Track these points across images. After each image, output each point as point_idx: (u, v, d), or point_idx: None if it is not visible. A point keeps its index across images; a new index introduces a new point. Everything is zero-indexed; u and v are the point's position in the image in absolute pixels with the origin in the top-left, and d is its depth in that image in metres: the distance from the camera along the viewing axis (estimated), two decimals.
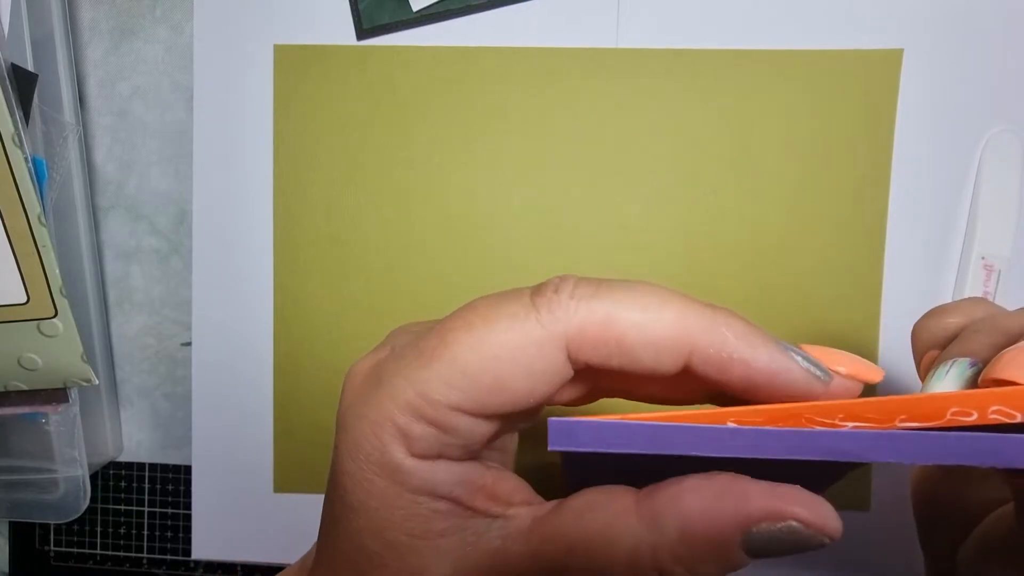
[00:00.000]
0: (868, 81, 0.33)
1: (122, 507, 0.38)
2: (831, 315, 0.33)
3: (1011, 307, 0.19)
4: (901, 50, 0.32)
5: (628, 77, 0.33)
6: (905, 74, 0.32)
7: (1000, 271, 0.32)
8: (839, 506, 0.15)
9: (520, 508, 0.17)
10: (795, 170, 0.33)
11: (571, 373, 0.16)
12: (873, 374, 0.16)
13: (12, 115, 0.27)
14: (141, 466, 0.38)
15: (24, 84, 0.29)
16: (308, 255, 0.35)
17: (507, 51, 0.33)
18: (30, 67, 0.30)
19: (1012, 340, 0.18)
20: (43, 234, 0.28)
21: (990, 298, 0.32)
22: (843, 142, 0.33)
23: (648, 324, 0.15)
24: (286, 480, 0.35)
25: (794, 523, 0.14)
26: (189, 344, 0.37)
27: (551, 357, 0.15)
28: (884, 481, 0.34)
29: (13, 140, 0.27)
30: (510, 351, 0.15)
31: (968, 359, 0.17)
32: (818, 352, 0.15)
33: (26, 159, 0.28)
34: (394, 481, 0.16)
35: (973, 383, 0.17)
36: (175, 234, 0.37)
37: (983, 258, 0.32)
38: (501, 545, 0.16)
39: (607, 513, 0.15)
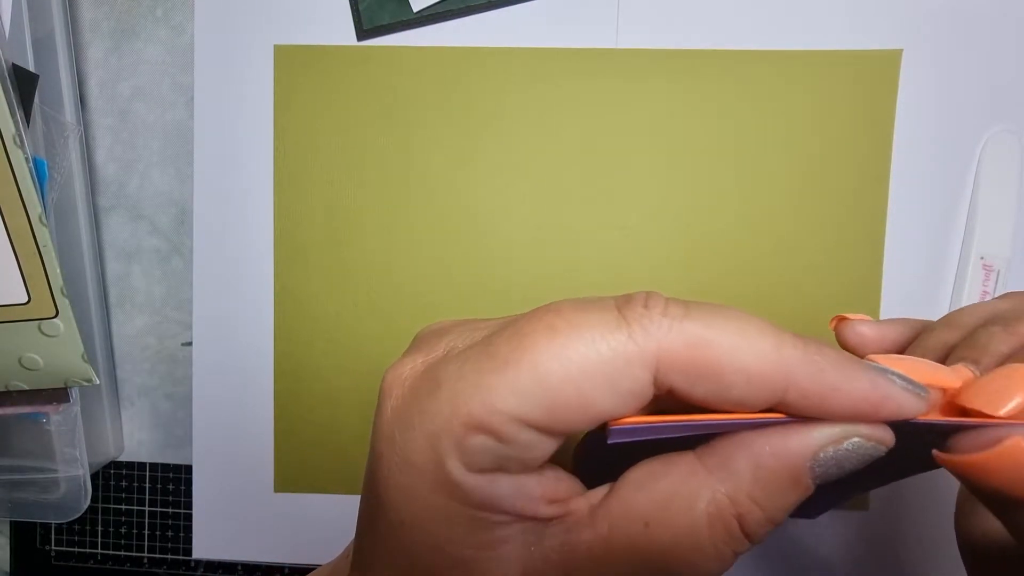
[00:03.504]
0: (868, 81, 0.33)
1: (123, 507, 0.38)
2: (831, 315, 0.33)
3: None
4: (901, 50, 0.32)
5: (628, 77, 0.33)
6: (905, 74, 0.32)
7: (999, 271, 0.32)
8: (840, 506, 0.15)
9: (575, 501, 0.16)
10: (795, 170, 0.33)
11: (650, 397, 0.14)
12: (952, 379, 0.15)
13: (13, 115, 0.27)
14: (142, 466, 0.38)
15: (25, 84, 0.29)
16: (308, 255, 0.35)
17: (507, 51, 0.33)
18: (31, 67, 0.30)
19: (966, 332, 0.18)
20: (44, 234, 0.28)
21: (988, 298, 0.32)
22: (843, 142, 0.33)
23: (745, 350, 0.14)
24: (286, 480, 0.36)
25: (857, 439, 0.14)
26: (189, 344, 0.37)
27: (639, 377, 0.14)
28: None
29: (14, 140, 0.27)
30: (599, 365, 0.14)
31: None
32: (892, 362, 0.15)
33: (27, 159, 0.28)
34: (452, 497, 0.15)
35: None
36: (175, 234, 0.37)
37: (982, 258, 0.32)
38: (566, 539, 0.15)
39: (674, 477, 0.15)
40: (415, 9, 0.33)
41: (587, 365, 0.14)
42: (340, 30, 0.34)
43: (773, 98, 0.33)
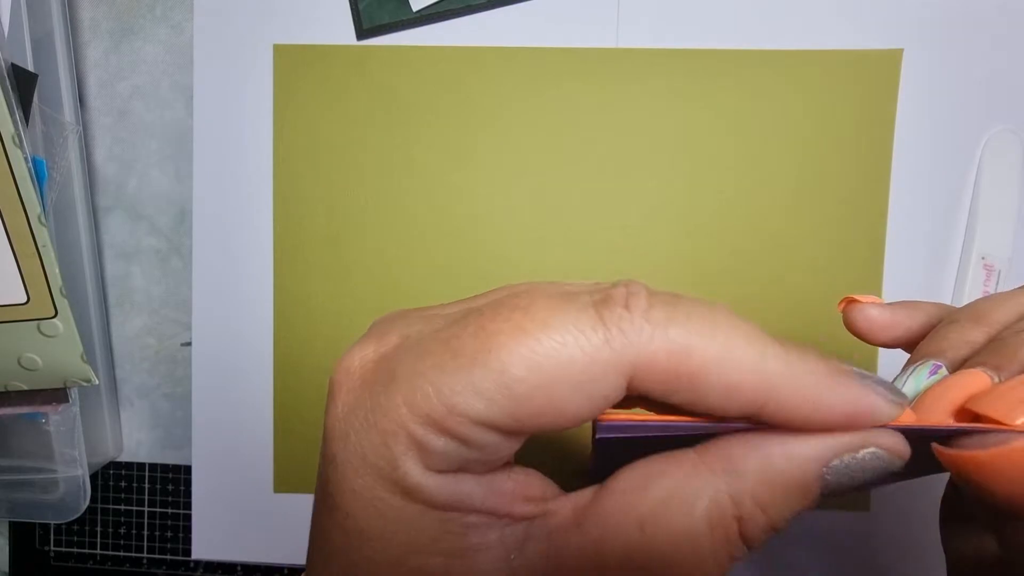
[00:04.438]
0: (868, 81, 0.33)
1: (122, 507, 0.38)
2: (831, 315, 0.33)
3: None
4: (901, 50, 0.32)
5: (628, 77, 0.33)
6: (905, 74, 0.32)
7: (1000, 271, 0.32)
8: (839, 506, 0.15)
9: (555, 502, 0.15)
10: (795, 170, 0.33)
11: (622, 398, 0.14)
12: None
13: (12, 115, 0.27)
14: (141, 466, 0.38)
15: (24, 84, 0.29)
16: (308, 255, 0.35)
17: (507, 51, 0.33)
18: (30, 67, 0.30)
19: (993, 330, 0.17)
20: (43, 234, 0.28)
21: None
22: (843, 142, 0.33)
23: (729, 362, 0.13)
24: (286, 480, 0.35)
25: (875, 449, 0.13)
26: (189, 344, 0.37)
27: (614, 383, 0.13)
28: None
29: (13, 140, 0.27)
30: (571, 370, 0.13)
31: (930, 364, 0.17)
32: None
33: (26, 159, 0.28)
34: (413, 499, 0.14)
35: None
36: (175, 234, 0.37)
37: (983, 258, 0.32)
38: (552, 545, 0.14)
39: (674, 477, 0.14)
40: (415, 9, 0.33)
41: (559, 371, 0.13)
42: (340, 29, 0.34)
43: (773, 98, 0.33)
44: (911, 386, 0.17)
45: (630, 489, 0.14)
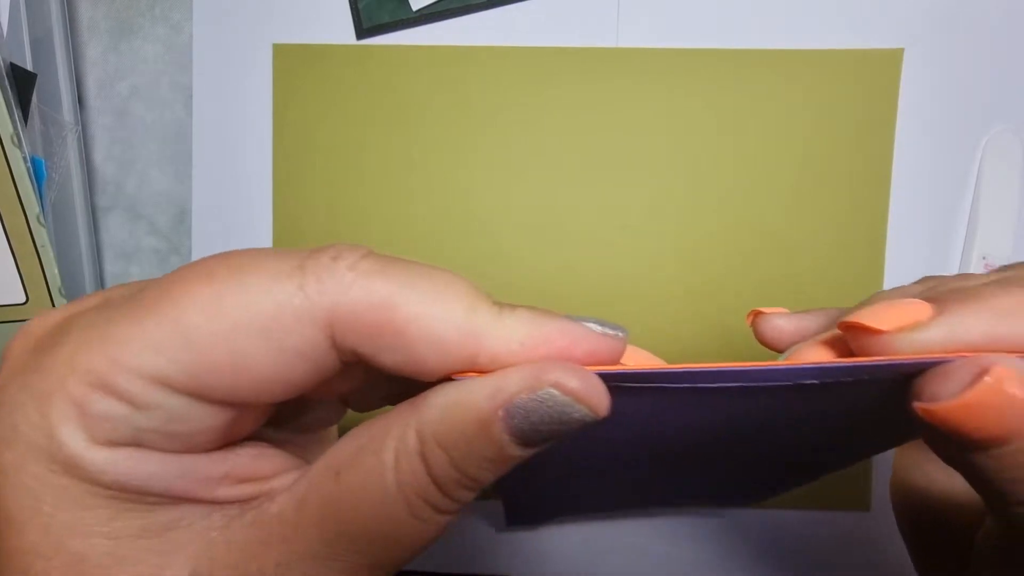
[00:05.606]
0: (868, 81, 0.33)
1: None
2: None
3: None
4: (901, 50, 0.32)
5: (628, 77, 0.33)
6: (905, 74, 0.32)
7: None
8: (840, 506, 0.15)
9: (282, 477, 0.14)
10: (795, 170, 0.33)
11: (336, 363, 0.13)
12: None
13: (11, 115, 0.27)
14: None
15: (23, 84, 0.29)
16: None
17: (507, 51, 0.33)
18: (29, 67, 0.30)
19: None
20: (42, 234, 0.28)
21: None
22: (843, 142, 0.33)
23: (434, 316, 0.12)
24: None
25: (551, 389, 0.12)
26: None
27: (309, 336, 0.12)
28: (885, 481, 0.34)
29: (12, 140, 0.27)
30: (257, 320, 0.12)
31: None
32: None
33: (25, 159, 0.28)
34: (74, 476, 0.12)
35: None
36: (175, 234, 0.37)
37: (984, 258, 0.32)
38: (259, 512, 0.13)
39: (376, 424, 0.13)
40: (414, 8, 0.33)
41: (242, 319, 0.12)
42: (339, 29, 0.34)
43: (773, 98, 0.33)
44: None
45: (339, 444, 0.13)
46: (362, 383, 0.15)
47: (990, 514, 0.17)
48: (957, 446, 0.13)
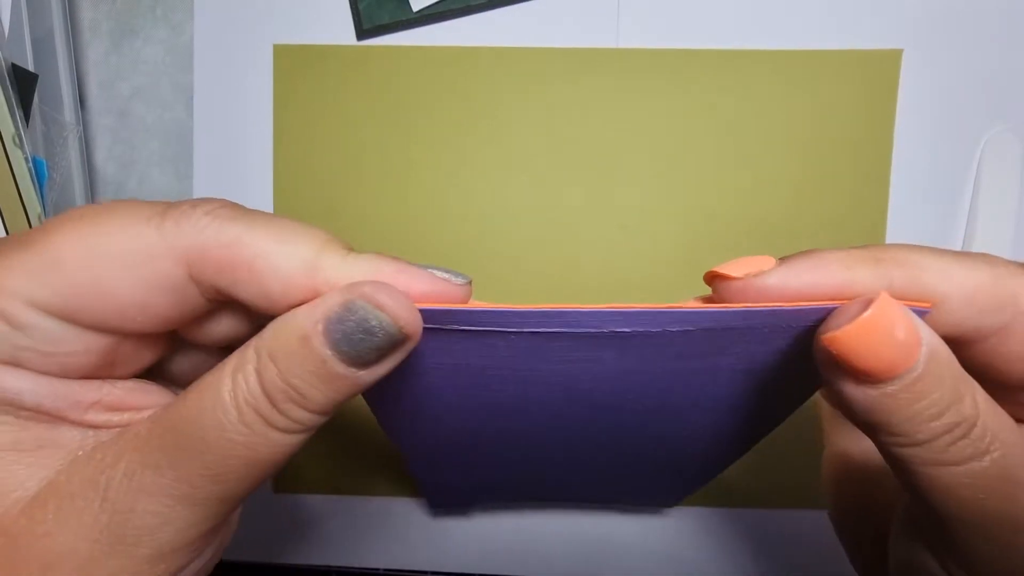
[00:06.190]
0: (868, 81, 0.33)
1: None
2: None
3: None
4: (901, 50, 0.32)
5: (628, 77, 0.33)
6: (905, 74, 0.32)
7: None
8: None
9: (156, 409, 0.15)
10: (795, 170, 0.33)
11: (200, 299, 0.15)
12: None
13: (12, 115, 0.27)
14: None
15: (24, 84, 0.29)
16: None
17: (507, 51, 0.33)
18: (30, 67, 0.30)
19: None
20: None
21: None
22: (843, 142, 0.33)
23: (279, 253, 0.14)
24: (286, 480, 0.35)
25: (361, 301, 0.13)
26: None
27: (166, 270, 0.14)
28: None
29: (13, 140, 0.27)
30: (117, 251, 0.14)
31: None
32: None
33: (26, 159, 0.28)
34: None
35: None
36: None
37: None
38: (118, 436, 0.14)
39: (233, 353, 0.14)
40: (415, 9, 0.33)
41: (105, 251, 0.14)
42: (340, 30, 0.34)
43: (773, 98, 0.33)
44: None
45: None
46: (238, 331, 0.16)
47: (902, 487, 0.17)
48: (854, 379, 0.14)
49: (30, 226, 0.28)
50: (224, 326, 0.16)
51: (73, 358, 0.14)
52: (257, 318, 0.15)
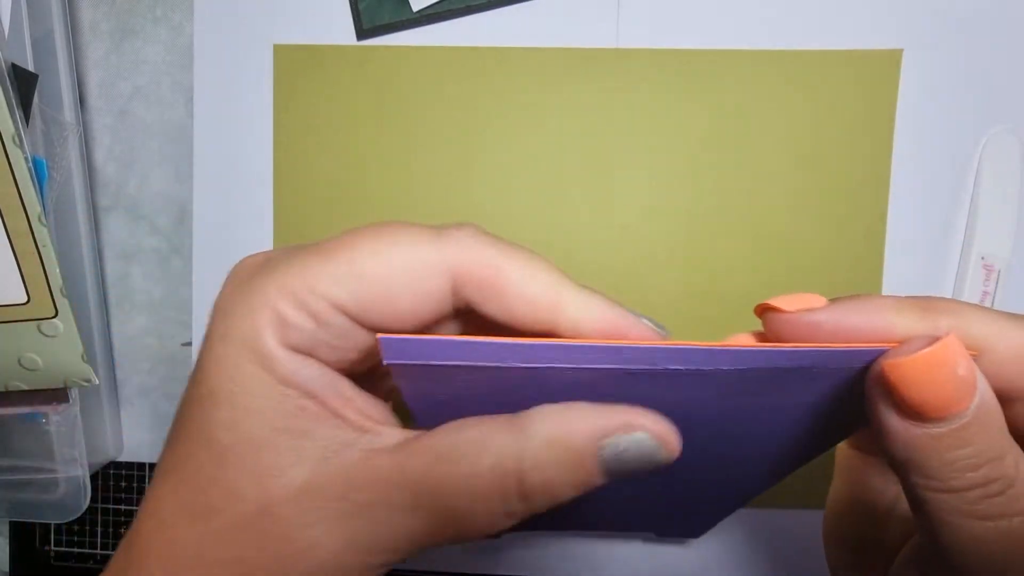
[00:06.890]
0: (868, 81, 0.33)
1: (122, 507, 0.38)
2: None
3: (1011, 308, 0.19)
4: (901, 50, 0.32)
5: (628, 77, 0.33)
6: (905, 74, 0.32)
7: (1000, 271, 0.32)
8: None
9: (390, 429, 0.17)
10: (795, 170, 0.33)
11: (450, 309, 0.17)
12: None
13: (12, 115, 0.27)
14: (141, 466, 0.38)
15: (24, 84, 0.29)
16: None
17: (507, 51, 0.33)
18: (30, 67, 0.30)
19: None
20: (43, 234, 0.28)
21: (989, 298, 0.32)
22: (843, 142, 0.33)
23: (527, 278, 0.16)
24: None
25: (641, 434, 0.16)
26: (189, 344, 0.37)
27: (438, 282, 0.16)
28: None
29: (13, 140, 0.27)
30: (408, 266, 0.16)
31: None
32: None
33: (26, 159, 0.28)
34: (263, 367, 0.16)
35: None
36: (175, 234, 0.37)
37: (983, 258, 0.32)
38: (363, 456, 0.16)
39: (480, 428, 0.16)
40: (415, 9, 0.33)
41: (396, 263, 0.16)
42: (340, 30, 0.34)
43: (773, 98, 0.33)
44: None
45: (444, 431, 0.16)
46: (456, 333, 0.18)
47: (917, 530, 0.18)
48: (904, 413, 0.14)
49: (30, 226, 0.28)
50: (448, 329, 0.18)
51: (351, 351, 0.16)
52: (478, 326, 0.17)
